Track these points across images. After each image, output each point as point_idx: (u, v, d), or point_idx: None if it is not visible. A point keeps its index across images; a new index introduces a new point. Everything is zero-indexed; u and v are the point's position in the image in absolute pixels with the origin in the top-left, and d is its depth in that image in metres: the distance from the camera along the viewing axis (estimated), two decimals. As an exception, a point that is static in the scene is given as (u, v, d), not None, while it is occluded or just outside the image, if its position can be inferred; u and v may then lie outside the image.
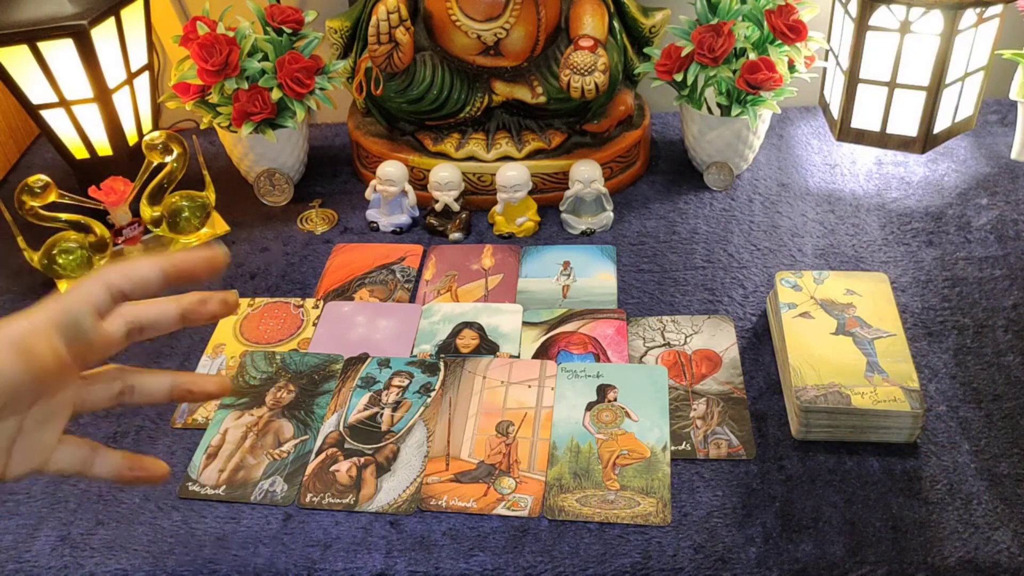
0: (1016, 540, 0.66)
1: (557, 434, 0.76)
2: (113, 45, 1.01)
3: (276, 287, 0.97)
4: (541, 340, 0.87)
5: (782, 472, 0.72)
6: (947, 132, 1.08)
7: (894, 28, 0.99)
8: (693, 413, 0.78)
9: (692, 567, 0.66)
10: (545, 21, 0.98)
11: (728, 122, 1.02)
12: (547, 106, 1.02)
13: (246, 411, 0.81)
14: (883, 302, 0.81)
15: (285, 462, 0.76)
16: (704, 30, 0.97)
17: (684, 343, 0.85)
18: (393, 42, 0.95)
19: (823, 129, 1.18)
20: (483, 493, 0.72)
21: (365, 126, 1.11)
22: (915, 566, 0.65)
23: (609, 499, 0.70)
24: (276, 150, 1.07)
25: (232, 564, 0.68)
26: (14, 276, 1.01)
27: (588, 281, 0.94)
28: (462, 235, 1.02)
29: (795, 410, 0.74)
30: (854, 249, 0.96)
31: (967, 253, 0.95)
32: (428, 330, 0.89)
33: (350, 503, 0.72)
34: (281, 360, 0.86)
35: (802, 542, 0.67)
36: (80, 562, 0.69)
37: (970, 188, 1.05)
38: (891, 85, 1.03)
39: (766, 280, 0.92)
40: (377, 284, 0.96)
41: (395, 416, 0.79)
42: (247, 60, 1.00)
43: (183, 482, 0.75)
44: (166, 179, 1.00)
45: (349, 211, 1.08)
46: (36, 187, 0.92)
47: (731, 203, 1.05)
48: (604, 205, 1.01)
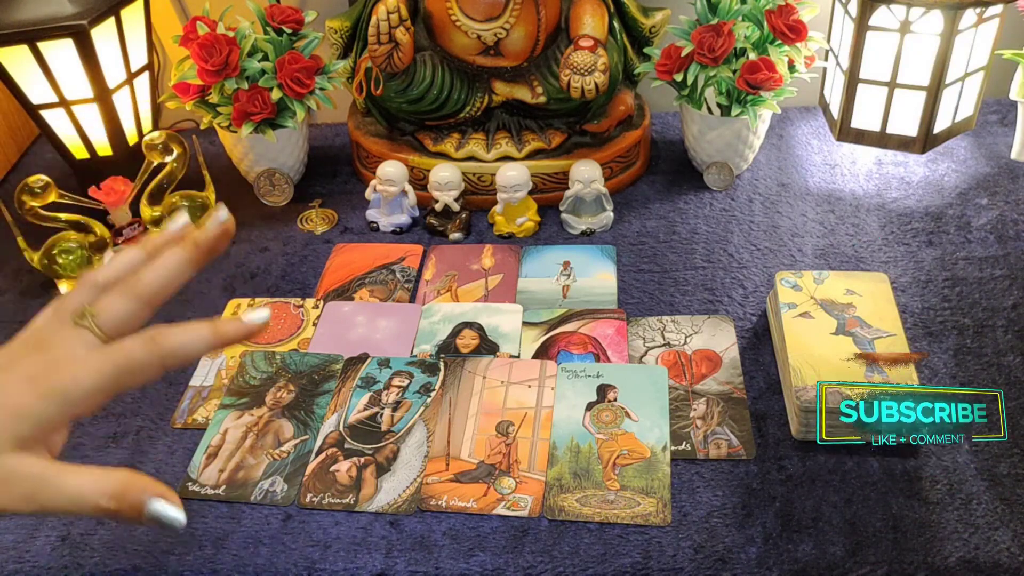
0: (1016, 540, 0.66)
1: (557, 434, 0.76)
2: (113, 45, 1.01)
3: (276, 287, 0.97)
4: (541, 340, 0.87)
5: (782, 472, 0.72)
6: (947, 132, 1.08)
7: (894, 28, 0.99)
8: (693, 413, 0.78)
9: (692, 567, 0.66)
10: (545, 21, 0.98)
11: (728, 122, 1.02)
12: (547, 106, 1.02)
13: (246, 411, 0.81)
14: (883, 302, 0.81)
15: (285, 462, 0.76)
16: (704, 30, 0.97)
17: (684, 343, 0.85)
18: (393, 42, 0.95)
19: (823, 129, 1.18)
20: (483, 493, 0.72)
21: (365, 126, 1.11)
22: (915, 566, 0.65)
23: (609, 499, 0.70)
24: (276, 150, 1.07)
25: (232, 564, 0.68)
26: (14, 276, 1.01)
27: (588, 281, 0.94)
28: (462, 235, 1.02)
29: (795, 410, 0.74)
30: (854, 249, 0.96)
31: (967, 253, 0.95)
32: (428, 330, 0.89)
33: (350, 503, 0.72)
34: (281, 360, 0.86)
35: (802, 542, 0.67)
36: (80, 562, 0.69)
37: (970, 188, 1.05)
38: (891, 85, 1.03)
39: (766, 280, 0.92)
40: (377, 284, 0.96)
41: (395, 416, 0.79)
42: (247, 60, 1.00)
43: (183, 482, 0.75)
44: (166, 179, 1.00)
45: (349, 211, 1.08)
46: (36, 187, 0.92)
47: (731, 203, 1.05)
48: (604, 205, 1.01)
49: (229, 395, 0.83)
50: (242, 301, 0.94)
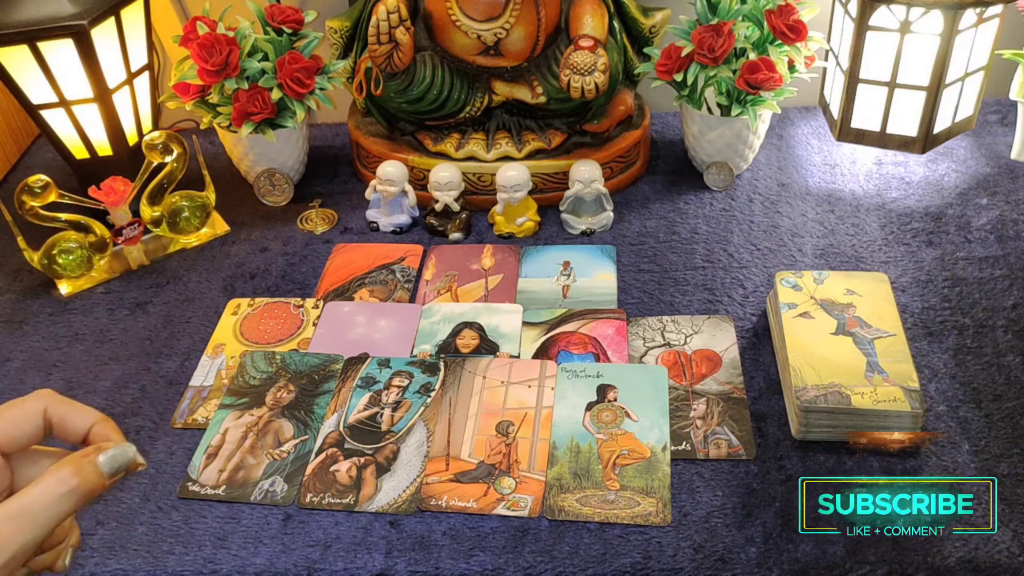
0: (1016, 540, 0.66)
1: (557, 434, 0.76)
2: (113, 45, 1.01)
3: (276, 287, 0.97)
4: (541, 340, 0.87)
5: (782, 472, 0.72)
6: (947, 132, 1.08)
7: (894, 28, 0.99)
8: (693, 413, 0.78)
9: (692, 567, 0.66)
10: (545, 21, 0.98)
11: (728, 122, 1.02)
12: (547, 106, 1.02)
13: (246, 411, 0.81)
14: (883, 302, 0.81)
15: (285, 462, 0.76)
16: (704, 30, 0.97)
17: (684, 343, 0.85)
18: (393, 42, 0.95)
19: (823, 129, 1.18)
20: (483, 493, 0.72)
21: (365, 126, 1.11)
22: (915, 566, 0.65)
23: (609, 499, 0.70)
24: (276, 150, 1.07)
25: (232, 564, 0.68)
26: (14, 276, 1.01)
27: (588, 281, 0.94)
28: (462, 235, 1.02)
29: (795, 410, 0.74)
30: (854, 249, 0.96)
31: (967, 253, 0.95)
32: (428, 330, 0.89)
33: (350, 503, 0.72)
34: (281, 360, 0.86)
35: (802, 542, 0.67)
36: (80, 562, 0.69)
37: (970, 188, 1.05)
38: (891, 85, 1.03)
39: (766, 280, 0.92)
40: (377, 284, 0.96)
41: (395, 416, 0.79)
42: (247, 60, 1.00)
43: (183, 482, 0.75)
44: (166, 179, 1.00)
45: (349, 211, 1.08)
46: (36, 187, 0.92)
47: (731, 203, 1.05)
48: (604, 205, 1.01)
49: (229, 395, 0.83)
50: (242, 301, 0.94)
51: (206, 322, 0.92)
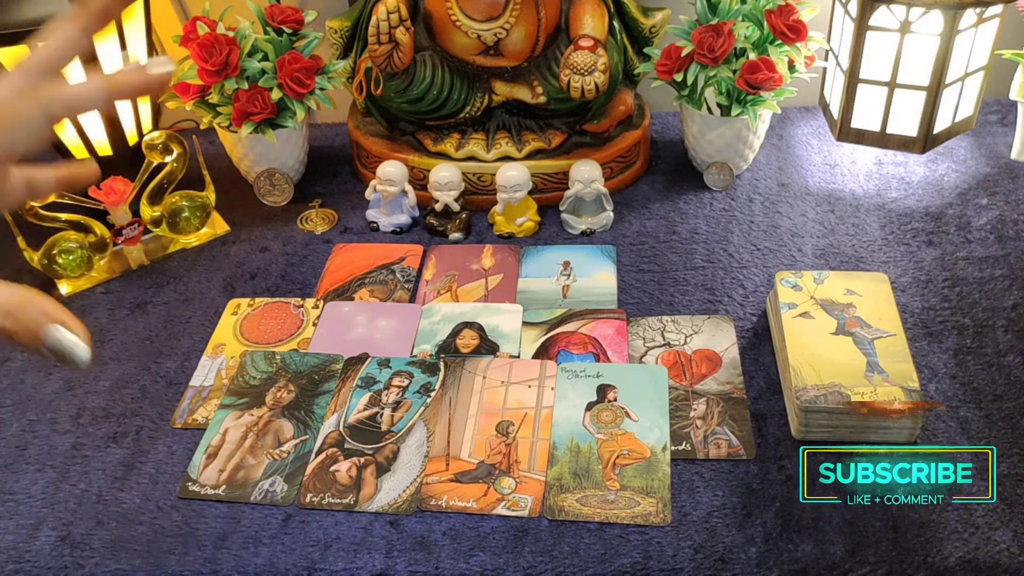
0: (1016, 540, 0.66)
1: (557, 434, 0.76)
2: (113, 45, 1.01)
3: (276, 287, 0.97)
4: (541, 340, 0.87)
5: (782, 472, 0.72)
6: (947, 132, 1.08)
7: (894, 28, 0.99)
8: (693, 413, 0.78)
9: (692, 567, 0.66)
10: (545, 21, 0.98)
11: (728, 122, 1.02)
12: (547, 106, 1.02)
13: (246, 411, 0.81)
14: (883, 302, 0.81)
15: (285, 462, 0.76)
16: (704, 30, 0.97)
17: (684, 343, 0.85)
18: (393, 42, 0.95)
19: (823, 129, 1.18)
20: (483, 493, 0.72)
21: (365, 126, 1.11)
22: (915, 566, 0.65)
23: (609, 499, 0.70)
24: (276, 150, 1.07)
25: (232, 564, 0.68)
26: (14, 276, 1.01)
27: (588, 281, 0.94)
28: (462, 235, 1.02)
29: (795, 410, 0.74)
30: (854, 249, 0.96)
31: (967, 253, 0.95)
32: (428, 330, 0.89)
33: (350, 503, 0.72)
34: (281, 360, 0.86)
35: (802, 542, 0.67)
36: (80, 562, 0.69)
37: (970, 188, 1.05)
38: (891, 85, 1.03)
39: (766, 280, 0.92)
40: (377, 284, 0.96)
41: (395, 416, 0.79)
42: (247, 60, 1.00)
43: (183, 482, 0.75)
44: (166, 179, 1.00)
45: (349, 211, 1.08)
46: (36, 187, 0.92)
47: (731, 203, 1.05)
48: (604, 205, 1.01)
49: (229, 395, 0.83)
50: (242, 301, 0.94)
51: (206, 322, 0.92)
